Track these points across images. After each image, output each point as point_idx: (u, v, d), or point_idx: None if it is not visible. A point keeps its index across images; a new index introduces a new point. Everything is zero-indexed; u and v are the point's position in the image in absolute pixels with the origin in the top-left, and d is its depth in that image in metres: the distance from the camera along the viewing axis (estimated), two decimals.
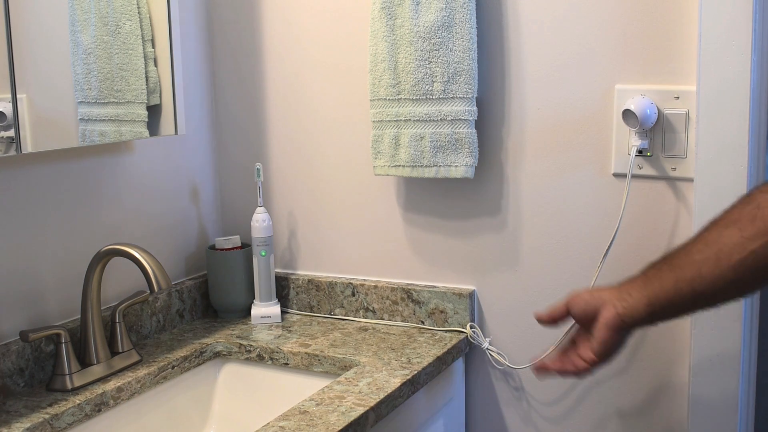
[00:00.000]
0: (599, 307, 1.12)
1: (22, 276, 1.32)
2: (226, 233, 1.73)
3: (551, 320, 1.19)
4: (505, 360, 1.47)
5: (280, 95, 1.65)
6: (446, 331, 1.51)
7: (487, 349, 1.48)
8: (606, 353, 1.12)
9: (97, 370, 1.32)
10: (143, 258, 1.26)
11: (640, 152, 1.35)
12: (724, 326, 1.29)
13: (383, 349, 1.43)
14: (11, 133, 1.23)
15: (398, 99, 1.45)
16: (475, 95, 1.42)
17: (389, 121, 1.47)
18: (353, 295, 1.60)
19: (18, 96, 1.24)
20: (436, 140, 1.43)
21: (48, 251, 1.36)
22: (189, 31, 1.63)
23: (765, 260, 1.00)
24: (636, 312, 1.09)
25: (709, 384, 1.32)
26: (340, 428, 1.13)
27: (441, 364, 1.41)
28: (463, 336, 1.48)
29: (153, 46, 1.46)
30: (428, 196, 1.54)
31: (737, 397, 1.30)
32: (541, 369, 1.18)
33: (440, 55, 1.41)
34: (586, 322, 1.14)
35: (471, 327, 1.49)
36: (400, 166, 1.47)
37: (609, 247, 1.34)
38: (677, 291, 1.06)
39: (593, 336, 1.12)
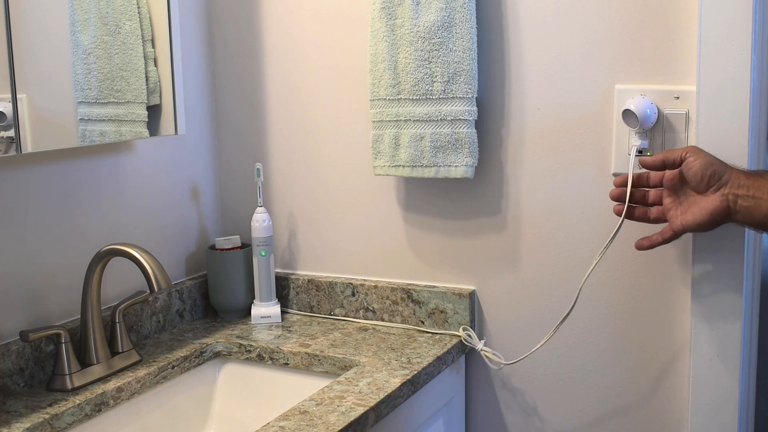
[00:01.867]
0: (722, 181, 1.10)
1: (22, 276, 1.32)
2: (226, 233, 1.73)
3: (661, 165, 1.19)
4: (501, 359, 1.46)
5: (280, 95, 1.65)
6: (442, 334, 1.51)
7: (482, 350, 1.47)
8: (692, 230, 1.12)
9: (97, 370, 1.32)
10: (143, 258, 1.26)
11: (640, 152, 1.35)
12: (724, 326, 1.29)
13: (383, 349, 1.43)
14: (11, 133, 1.23)
15: (398, 99, 1.45)
16: (475, 95, 1.42)
17: (389, 121, 1.47)
18: (353, 295, 1.60)
19: (18, 96, 1.24)
20: (436, 140, 1.43)
21: (48, 251, 1.36)
22: (189, 32, 1.63)
23: None
24: (750, 218, 1.08)
25: (709, 384, 1.32)
26: (340, 428, 1.13)
27: (441, 364, 1.41)
28: (457, 339, 1.47)
29: (153, 46, 1.47)
30: (428, 196, 1.54)
31: (737, 397, 1.30)
32: (618, 211, 1.20)
33: (440, 55, 1.41)
34: (688, 187, 1.13)
35: (464, 330, 1.49)
36: (400, 166, 1.47)
37: (607, 246, 1.33)
38: None
39: (691, 210, 1.11)
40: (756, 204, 1.07)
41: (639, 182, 1.26)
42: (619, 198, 1.27)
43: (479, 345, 1.47)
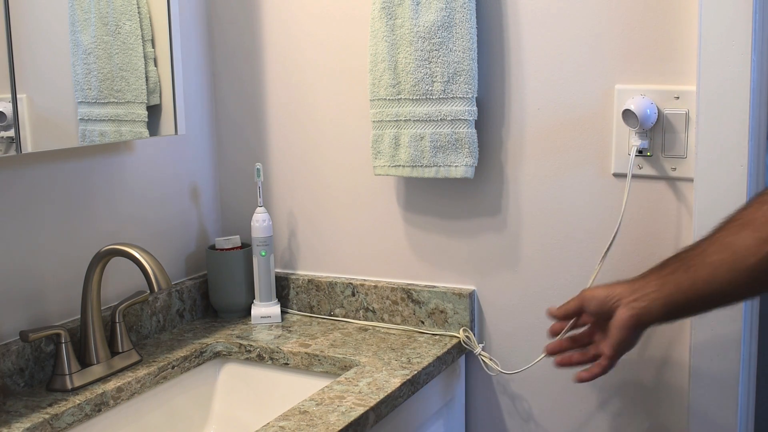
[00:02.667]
0: (614, 306, 1.13)
1: (22, 276, 1.32)
2: (226, 233, 1.73)
3: (564, 317, 1.21)
4: (498, 366, 1.46)
5: (280, 95, 1.65)
6: (441, 335, 1.51)
7: (480, 354, 1.47)
8: (622, 351, 1.14)
9: (97, 370, 1.32)
10: (143, 258, 1.26)
11: (640, 152, 1.35)
12: (724, 326, 1.29)
13: (383, 349, 1.43)
14: (11, 133, 1.23)
15: (398, 99, 1.45)
16: (475, 95, 1.42)
17: (389, 121, 1.47)
18: (353, 295, 1.60)
19: (18, 96, 1.24)
20: (436, 140, 1.43)
21: (48, 251, 1.36)
22: (189, 32, 1.63)
23: None
24: (653, 313, 1.10)
25: (709, 384, 1.32)
26: (340, 428, 1.13)
27: (441, 364, 1.41)
28: (456, 341, 1.47)
29: (153, 46, 1.46)
30: (428, 196, 1.54)
31: (737, 397, 1.30)
32: (561, 363, 1.22)
33: (440, 55, 1.41)
34: (601, 319, 1.16)
35: (464, 331, 1.48)
36: (400, 166, 1.47)
37: (609, 247, 1.34)
38: (695, 292, 1.07)
39: (609, 334, 1.14)
40: (651, 300, 1.11)
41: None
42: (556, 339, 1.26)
43: (477, 349, 1.47)
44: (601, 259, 1.34)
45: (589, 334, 1.22)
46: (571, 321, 1.24)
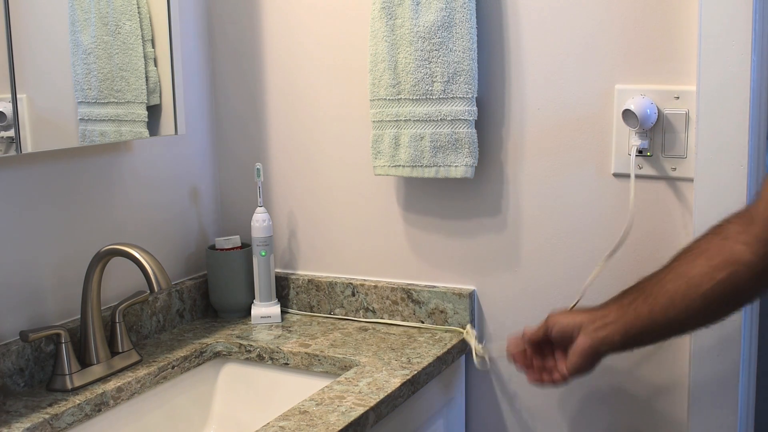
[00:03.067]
0: (575, 333, 1.18)
1: (22, 276, 1.32)
2: (226, 233, 1.73)
3: (533, 342, 1.25)
4: (504, 358, 1.46)
5: (280, 95, 1.65)
6: (446, 331, 1.51)
7: (478, 356, 1.46)
8: (577, 374, 1.20)
9: (97, 370, 1.32)
10: (143, 258, 1.26)
11: (640, 152, 1.35)
12: (724, 326, 1.29)
13: (383, 349, 1.43)
14: (11, 133, 1.23)
15: (398, 99, 1.45)
16: (475, 95, 1.42)
17: (389, 121, 1.47)
18: (353, 295, 1.60)
19: (18, 96, 1.24)
20: (436, 140, 1.43)
21: (48, 251, 1.36)
22: (189, 31, 1.63)
23: (731, 289, 1.06)
24: (611, 342, 1.16)
25: (709, 384, 1.32)
26: (340, 428, 1.13)
27: (441, 364, 1.41)
28: (462, 336, 1.48)
29: (153, 46, 1.47)
30: (428, 196, 1.54)
31: (737, 397, 1.30)
32: (522, 362, 1.27)
33: (440, 55, 1.41)
34: (563, 343, 1.21)
35: (463, 328, 1.49)
36: (400, 166, 1.48)
37: (616, 248, 1.34)
38: (652, 320, 1.12)
39: (568, 359, 1.19)
40: (610, 330, 1.15)
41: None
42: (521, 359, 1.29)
43: (479, 350, 1.46)
44: (604, 260, 1.34)
45: (552, 351, 1.26)
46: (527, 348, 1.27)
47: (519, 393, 1.51)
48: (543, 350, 1.26)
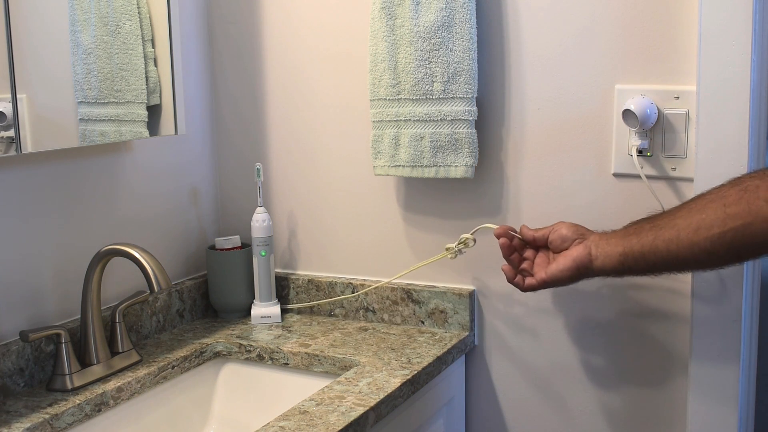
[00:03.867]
0: (576, 240, 1.21)
1: (22, 276, 1.32)
2: (226, 233, 1.73)
3: (533, 240, 1.29)
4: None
5: (280, 95, 1.65)
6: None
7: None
8: (557, 281, 1.22)
9: (97, 370, 1.32)
10: (143, 258, 1.26)
11: (640, 152, 1.35)
12: (724, 326, 1.29)
13: (383, 349, 1.43)
14: (11, 133, 1.23)
15: (398, 99, 1.45)
16: (475, 95, 1.42)
17: (389, 121, 1.47)
18: (353, 294, 1.60)
19: (18, 96, 1.24)
20: (436, 140, 1.43)
21: (48, 251, 1.36)
22: (189, 31, 1.63)
23: (741, 240, 1.07)
24: (608, 258, 1.17)
25: (709, 384, 1.32)
26: (340, 428, 1.13)
27: (441, 364, 1.41)
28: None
29: (153, 46, 1.47)
30: (428, 196, 1.54)
31: (737, 397, 1.30)
32: (506, 251, 1.30)
33: (440, 55, 1.41)
34: (558, 246, 1.24)
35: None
36: (400, 166, 1.48)
37: None
38: (653, 248, 1.13)
39: (555, 260, 1.21)
40: (611, 246, 1.18)
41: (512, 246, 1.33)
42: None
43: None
44: None
45: (530, 251, 1.29)
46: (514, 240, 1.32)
47: (519, 393, 1.51)
48: (524, 251, 1.30)
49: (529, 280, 1.27)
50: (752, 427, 1.40)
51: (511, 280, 1.30)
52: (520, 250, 1.31)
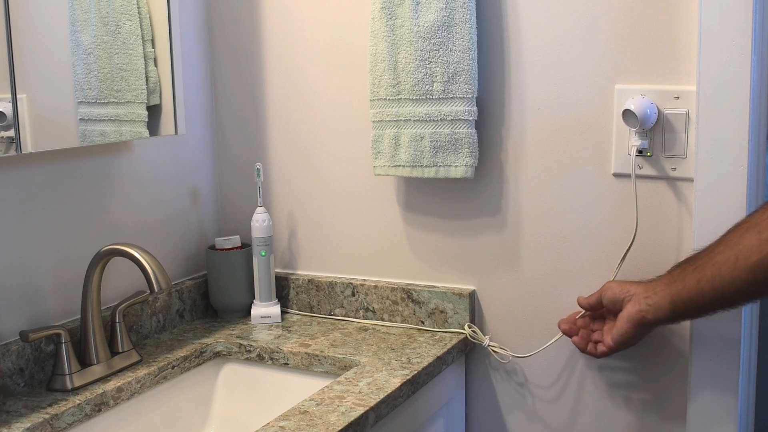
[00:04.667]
0: (626, 299, 1.23)
1: (22, 276, 1.32)
2: (226, 233, 1.73)
3: (589, 306, 1.33)
4: (508, 351, 1.47)
5: (280, 95, 1.65)
6: (446, 331, 1.51)
7: (489, 345, 1.48)
8: (623, 344, 1.25)
9: (97, 370, 1.32)
10: (143, 258, 1.26)
11: (640, 152, 1.35)
12: (724, 327, 1.29)
13: (383, 349, 1.43)
14: (11, 133, 1.23)
15: (398, 99, 1.45)
16: (475, 95, 1.42)
17: (389, 121, 1.47)
18: (353, 295, 1.60)
19: (18, 96, 1.24)
20: (436, 140, 1.43)
21: (48, 251, 1.36)
22: (189, 31, 1.63)
23: None
24: (659, 310, 1.18)
25: (709, 384, 1.32)
26: (340, 428, 1.13)
27: (441, 364, 1.41)
28: (462, 336, 1.48)
29: (153, 46, 1.47)
30: (428, 196, 1.54)
31: (737, 398, 1.30)
32: (568, 329, 1.35)
33: (440, 55, 1.41)
34: (613, 310, 1.27)
35: (469, 326, 1.49)
36: (400, 166, 1.48)
37: (627, 251, 1.34)
38: (699, 290, 1.13)
39: (616, 326, 1.24)
40: (660, 297, 1.18)
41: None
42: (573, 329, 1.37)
43: (485, 341, 1.48)
44: (619, 262, 1.35)
45: (599, 322, 1.34)
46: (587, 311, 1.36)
47: (519, 393, 1.51)
48: (593, 323, 1.33)
49: (600, 348, 1.31)
50: (752, 426, 1.40)
51: (583, 350, 1.34)
52: (585, 326, 1.36)
